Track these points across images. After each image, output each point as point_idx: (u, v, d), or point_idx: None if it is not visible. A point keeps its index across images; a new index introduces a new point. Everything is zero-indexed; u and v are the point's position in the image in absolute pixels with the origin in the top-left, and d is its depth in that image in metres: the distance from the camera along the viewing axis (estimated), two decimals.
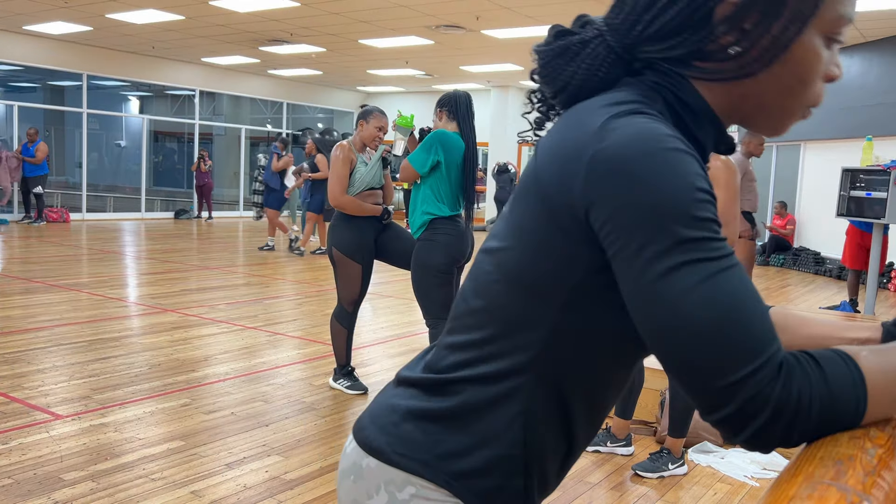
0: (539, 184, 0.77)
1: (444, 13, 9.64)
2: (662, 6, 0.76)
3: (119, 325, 5.45)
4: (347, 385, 4.11)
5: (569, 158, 0.74)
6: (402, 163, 3.78)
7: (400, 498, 0.83)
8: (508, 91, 16.24)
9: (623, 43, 0.79)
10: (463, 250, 3.76)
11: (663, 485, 3.06)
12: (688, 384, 0.68)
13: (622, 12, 0.79)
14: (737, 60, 0.76)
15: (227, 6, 9.78)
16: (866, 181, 5.72)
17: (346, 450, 0.91)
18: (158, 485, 2.82)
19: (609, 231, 0.70)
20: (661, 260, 0.67)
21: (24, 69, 13.90)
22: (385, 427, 0.86)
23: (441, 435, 0.82)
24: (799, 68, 0.76)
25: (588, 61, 0.80)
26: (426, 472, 0.81)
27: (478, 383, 0.82)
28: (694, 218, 0.67)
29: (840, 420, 0.65)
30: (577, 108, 0.79)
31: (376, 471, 0.85)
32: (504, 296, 0.80)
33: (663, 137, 0.71)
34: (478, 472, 0.81)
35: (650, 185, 0.68)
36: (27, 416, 3.48)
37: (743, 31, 0.74)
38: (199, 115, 16.11)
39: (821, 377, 0.65)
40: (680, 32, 0.76)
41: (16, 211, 13.30)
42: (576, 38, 0.81)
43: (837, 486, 0.53)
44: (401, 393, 0.88)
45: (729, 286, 0.66)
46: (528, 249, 0.78)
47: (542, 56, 0.84)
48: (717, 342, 0.65)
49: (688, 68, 0.78)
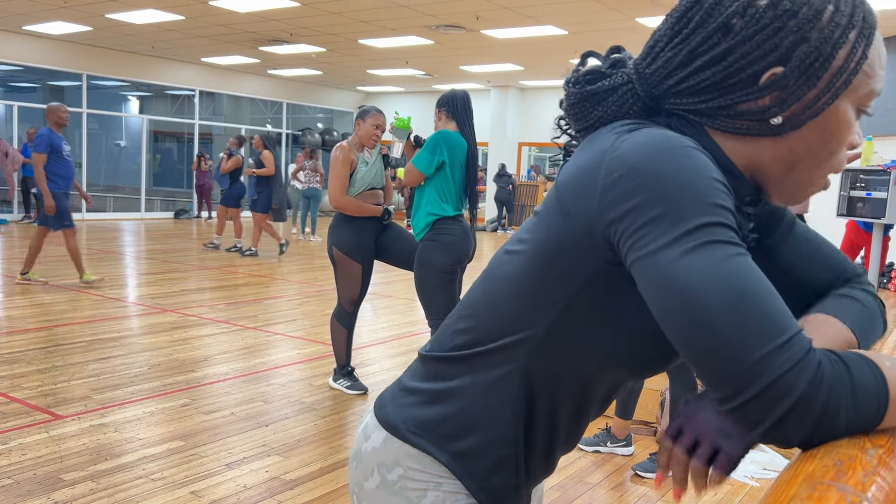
0: (560, 200, 0.80)
1: (444, 13, 9.64)
2: (699, 67, 0.77)
3: (119, 326, 5.45)
4: (347, 385, 4.11)
5: (586, 173, 0.77)
6: (407, 166, 3.76)
7: (389, 479, 0.90)
8: (508, 91, 16.24)
9: (651, 93, 0.82)
10: (466, 250, 3.76)
11: (663, 485, 3.06)
12: (710, 367, 0.66)
13: (655, 63, 0.81)
14: (767, 120, 0.77)
15: (227, 6, 9.78)
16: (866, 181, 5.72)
17: (356, 435, 0.98)
18: (158, 485, 2.82)
19: (626, 227, 0.71)
20: (680, 242, 0.68)
21: (23, 69, 13.90)
22: (400, 406, 0.93)
23: (442, 416, 0.89)
24: (828, 135, 0.78)
25: (614, 108, 0.83)
26: (432, 450, 0.88)
27: (475, 370, 0.88)
28: (712, 204, 0.68)
29: (857, 429, 0.64)
30: (597, 133, 0.82)
31: (371, 454, 0.93)
32: (510, 293, 0.84)
33: (676, 138, 0.73)
34: (473, 453, 0.88)
35: (666, 176, 0.70)
36: (27, 416, 3.48)
37: (778, 97, 0.76)
38: (198, 115, 16.11)
39: (850, 385, 0.63)
40: (712, 91, 0.78)
41: (15, 211, 13.30)
42: (605, 83, 0.84)
43: (837, 487, 0.53)
44: (416, 372, 0.95)
45: (747, 269, 0.67)
46: (539, 255, 0.81)
47: (570, 97, 0.87)
48: (739, 317, 0.64)
49: (713, 120, 0.79)
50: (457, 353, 0.89)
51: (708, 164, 0.71)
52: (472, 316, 0.89)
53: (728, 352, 0.64)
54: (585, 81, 0.85)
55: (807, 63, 0.74)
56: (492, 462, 0.88)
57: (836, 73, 0.75)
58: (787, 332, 0.64)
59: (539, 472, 0.94)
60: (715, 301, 0.65)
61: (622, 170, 0.72)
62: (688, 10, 0.79)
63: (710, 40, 0.76)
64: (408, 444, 0.89)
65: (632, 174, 0.71)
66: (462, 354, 0.89)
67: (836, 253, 0.93)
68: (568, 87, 0.87)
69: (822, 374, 0.63)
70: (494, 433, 0.87)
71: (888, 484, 0.55)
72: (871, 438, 0.63)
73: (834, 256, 0.93)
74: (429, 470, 0.89)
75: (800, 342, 0.64)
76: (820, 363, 0.63)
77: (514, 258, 0.85)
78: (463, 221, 3.77)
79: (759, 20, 0.74)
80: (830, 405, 0.62)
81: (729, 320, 0.64)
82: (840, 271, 0.92)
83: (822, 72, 0.75)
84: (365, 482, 0.93)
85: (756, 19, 0.74)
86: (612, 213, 0.72)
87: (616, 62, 0.86)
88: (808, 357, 0.63)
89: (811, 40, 0.74)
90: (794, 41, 0.74)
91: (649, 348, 0.81)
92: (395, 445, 0.91)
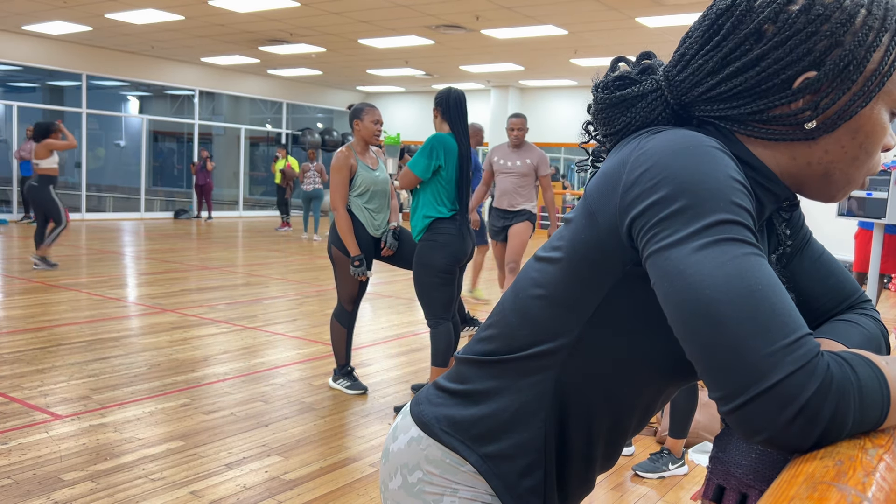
0: (587, 205, 0.80)
1: (444, 13, 9.63)
2: (731, 73, 0.77)
3: (118, 326, 5.45)
4: (347, 385, 4.11)
5: (611, 175, 0.77)
6: (402, 170, 3.78)
7: (410, 481, 0.92)
8: (508, 91, 16.24)
9: (681, 101, 0.82)
10: (464, 250, 3.76)
11: (664, 485, 3.06)
12: (713, 363, 0.64)
13: (685, 70, 0.81)
14: (800, 124, 0.77)
15: (227, 6, 9.78)
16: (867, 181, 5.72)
17: (388, 433, 1.01)
18: (158, 485, 2.82)
19: (645, 222, 0.71)
20: (696, 238, 0.67)
21: (23, 69, 13.89)
22: (435, 405, 0.94)
23: (475, 417, 0.89)
24: (864, 138, 0.78)
25: (643, 114, 0.83)
26: (462, 450, 0.89)
27: (506, 375, 0.88)
28: (730, 202, 0.68)
29: (860, 431, 0.63)
30: (624, 141, 0.82)
31: (396, 455, 0.95)
32: (540, 300, 0.84)
33: (698, 137, 0.73)
34: (503, 455, 0.87)
35: (686, 173, 0.70)
36: (27, 417, 3.48)
37: (811, 101, 0.76)
38: (198, 115, 16.11)
39: (857, 389, 0.62)
40: (744, 97, 0.78)
41: (15, 211, 13.30)
42: (634, 89, 0.83)
43: (838, 487, 0.53)
44: (452, 373, 0.95)
45: (759, 268, 0.66)
46: (567, 261, 0.81)
47: (599, 102, 0.86)
48: (748, 314, 0.63)
49: (745, 126, 0.80)
50: (488, 357, 0.89)
51: (729, 164, 0.71)
52: (500, 323, 0.89)
53: (733, 347, 0.63)
54: (615, 87, 0.85)
55: (840, 67, 0.74)
56: (521, 467, 0.87)
57: (869, 76, 0.75)
58: (795, 332, 0.62)
59: (577, 491, 0.93)
60: (724, 296, 0.64)
61: (644, 167, 0.73)
62: (719, 17, 0.79)
63: (742, 46, 0.76)
64: (440, 443, 0.90)
65: (653, 171, 0.72)
66: (493, 359, 0.89)
67: (846, 277, 0.93)
68: (597, 91, 0.87)
69: (831, 378, 0.61)
70: (525, 438, 0.86)
71: (888, 484, 0.55)
72: (871, 438, 0.63)
73: (843, 281, 0.93)
74: (446, 476, 0.90)
75: (808, 344, 0.62)
76: (829, 366, 0.61)
77: (544, 265, 0.85)
78: (459, 221, 3.77)
79: (791, 25, 0.74)
80: (839, 412, 0.61)
81: (737, 316, 0.63)
82: (846, 296, 0.92)
83: (856, 75, 0.75)
84: (389, 482, 0.95)
85: (789, 24, 0.74)
86: (633, 209, 0.73)
87: (646, 68, 0.86)
88: (816, 360, 0.61)
89: (844, 44, 0.74)
90: (828, 45, 0.74)
91: (680, 352, 0.79)
92: (418, 448, 0.92)
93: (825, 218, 9.78)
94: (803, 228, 0.95)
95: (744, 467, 0.77)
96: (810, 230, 0.97)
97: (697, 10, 8.79)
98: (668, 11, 8.93)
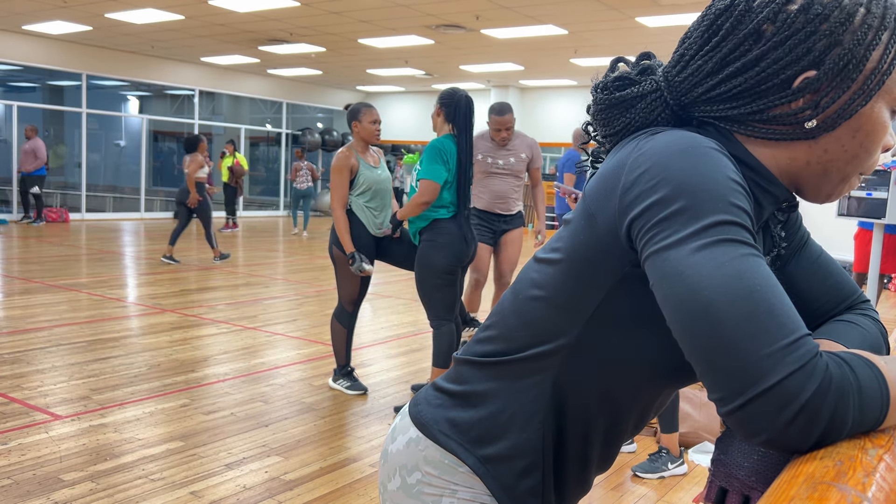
0: (587, 206, 0.80)
1: (444, 13, 9.63)
2: (730, 73, 0.78)
3: (118, 326, 5.45)
4: (347, 385, 4.11)
5: (609, 176, 0.77)
6: (421, 184, 3.68)
7: (409, 482, 0.93)
8: (508, 91, 16.23)
9: (681, 101, 0.82)
10: (466, 250, 3.76)
11: (663, 485, 3.06)
12: (712, 364, 0.64)
13: (684, 71, 0.81)
14: (800, 123, 0.77)
15: (227, 6, 9.78)
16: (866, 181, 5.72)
17: (387, 434, 1.01)
18: (158, 485, 2.82)
19: (644, 223, 0.71)
20: (695, 238, 0.67)
21: (23, 69, 13.89)
22: (433, 406, 0.94)
23: (473, 419, 0.89)
24: (865, 136, 0.78)
25: (642, 115, 0.83)
26: (460, 452, 0.89)
27: (504, 377, 0.88)
28: (729, 203, 0.69)
29: (860, 431, 0.63)
30: (623, 142, 0.82)
31: (395, 456, 0.95)
32: (539, 301, 0.84)
33: (697, 138, 0.73)
34: (501, 457, 0.87)
35: (685, 173, 0.70)
36: (26, 417, 3.48)
37: (811, 100, 0.76)
38: (198, 115, 16.10)
39: (857, 389, 0.62)
40: (744, 97, 0.78)
41: (15, 211, 13.30)
42: (634, 90, 0.84)
43: (838, 487, 0.53)
44: (450, 375, 0.95)
45: (758, 269, 0.66)
46: (567, 263, 0.82)
47: (598, 103, 0.87)
48: (747, 314, 0.63)
49: (745, 126, 0.80)
50: (486, 359, 0.89)
51: (728, 165, 0.71)
52: (499, 324, 0.89)
53: (732, 347, 0.62)
54: (614, 87, 0.85)
55: (840, 66, 0.74)
56: (519, 468, 0.87)
57: (869, 74, 0.75)
58: (794, 333, 0.62)
59: (574, 491, 0.93)
60: (723, 296, 0.64)
61: (643, 168, 0.73)
62: (717, 17, 0.79)
63: (741, 47, 0.77)
64: (437, 444, 0.90)
65: (652, 172, 0.72)
66: (492, 361, 0.89)
67: (845, 278, 0.93)
68: (596, 92, 0.87)
69: (830, 378, 0.61)
70: (523, 439, 0.87)
71: (888, 484, 0.55)
72: (871, 438, 0.63)
73: (841, 281, 0.93)
74: (445, 477, 0.90)
75: (807, 344, 0.62)
76: (828, 367, 0.61)
77: (543, 266, 0.85)
78: (460, 222, 3.76)
79: (790, 25, 0.75)
80: (838, 412, 0.60)
81: (736, 316, 0.63)
82: (845, 297, 0.92)
83: (856, 74, 0.75)
84: (388, 483, 0.96)
85: (788, 24, 0.75)
86: (632, 210, 0.73)
87: (645, 69, 0.86)
88: (815, 360, 0.61)
89: (844, 43, 0.74)
90: (827, 45, 0.74)
91: (678, 354, 0.79)
92: (417, 449, 0.92)
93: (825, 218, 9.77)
94: (801, 230, 0.95)
95: (746, 469, 0.77)
96: (808, 231, 0.97)
97: (697, 10, 8.79)
98: (668, 11, 8.93)
